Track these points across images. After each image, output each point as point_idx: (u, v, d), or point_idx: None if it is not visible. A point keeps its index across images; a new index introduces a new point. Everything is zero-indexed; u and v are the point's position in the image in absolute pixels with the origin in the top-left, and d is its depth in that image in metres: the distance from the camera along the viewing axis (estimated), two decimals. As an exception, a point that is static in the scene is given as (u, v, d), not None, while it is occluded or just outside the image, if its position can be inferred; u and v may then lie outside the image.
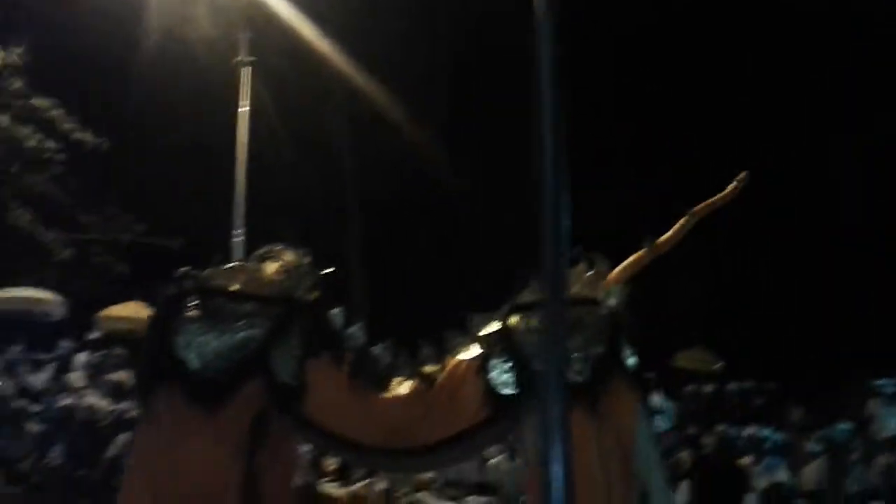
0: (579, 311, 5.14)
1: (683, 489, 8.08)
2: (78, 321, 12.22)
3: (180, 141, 16.07)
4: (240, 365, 5.15)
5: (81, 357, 11.89)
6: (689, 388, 11.19)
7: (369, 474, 8.87)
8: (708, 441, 8.72)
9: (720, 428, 8.63)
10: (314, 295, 5.48)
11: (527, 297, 5.46)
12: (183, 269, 5.45)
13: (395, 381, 5.43)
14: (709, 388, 11.62)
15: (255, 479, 5.13)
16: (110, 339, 12.13)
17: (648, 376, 10.93)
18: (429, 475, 8.74)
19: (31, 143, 13.73)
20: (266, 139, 14.71)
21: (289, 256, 5.54)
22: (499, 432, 5.29)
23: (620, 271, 5.65)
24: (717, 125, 16.09)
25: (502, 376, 5.11)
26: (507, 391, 5.09)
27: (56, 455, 9.79)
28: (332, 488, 8.89)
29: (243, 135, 12.72)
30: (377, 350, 5.58)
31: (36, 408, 10.82)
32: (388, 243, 17.66)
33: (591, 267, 5.44)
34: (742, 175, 5.96)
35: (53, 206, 14.71)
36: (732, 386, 11.49)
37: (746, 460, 8.75)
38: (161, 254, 15.14)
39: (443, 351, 5.57)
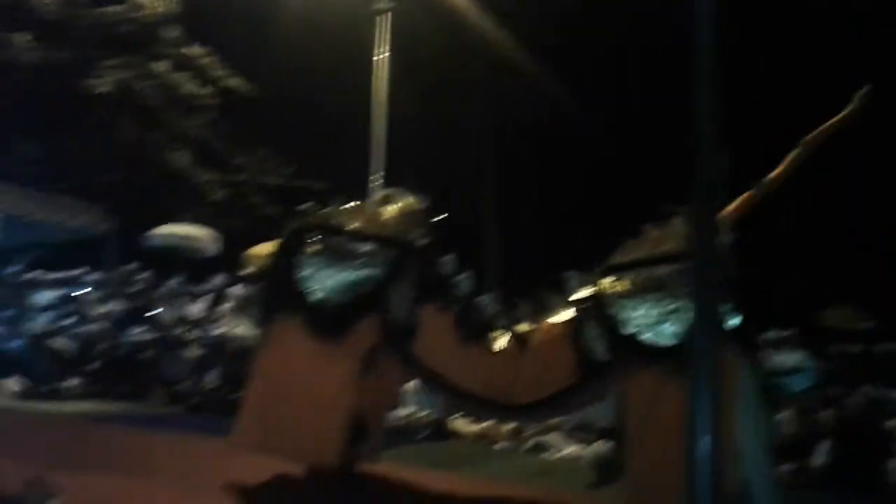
0: (675, 269, 4.99)
1: (824, 449, 7.83)
2: (230, 257, 12.94)
3: (324, 87, 16.60)
4: (357, 300, 5.43)
5: (233, 290, 12.70)
6: (836, 346, 10.70)
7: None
8: (853, 402, 8.36)
9: (866, 389, 8.23)
10: (427, 240, 5.69)
11: (619, 258, 5.40)
12: (307, 206, 5.82)
13: (494, 334, 5.55)
14: (857, 347, 11.08)
15: (361, 407, 5.50)
16: (258, 275, 12.84)
17: (770, 336, 10.62)
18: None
19: (187, 89, 14.46)
20: (403, 85, 14.94)
21: (406, 201, 5.79)
22: (591, 396, 5.29)
23: (723, 216, 5.28)
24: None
25: (595, 342, 5.15)
26: (600, 357, 5.13)
27: (212, 378, 10.57)
28: (462, 424, 9.15)
29: (381, 81, 12.96)
30: (482, 300, 5.73)
31: (193, 335, 11.69)
32: (520, 197, 17.63)
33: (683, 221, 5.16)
34: (862, 91, 5.31)
35: (208, 150, 15.57)
36: (883, 347, 10.91)
37: (893, 423, 8.36)
38: (306, 195, 15.78)
39: (540, 310, 5.59)
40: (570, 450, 8.44)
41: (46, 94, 13.96)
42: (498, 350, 5.48)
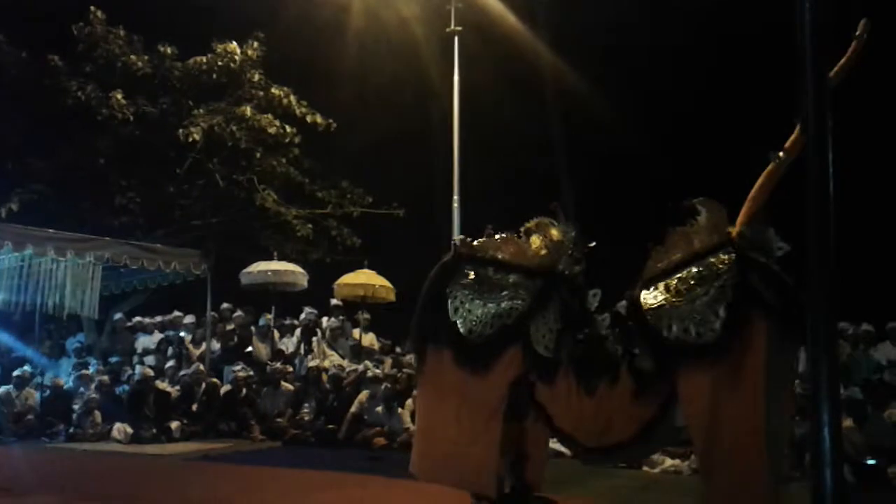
0: (710, 262, 4.88)
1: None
2: (318, 289, 13.28)
3: (399, 114, 16.92)
4: (501, 333, 5.34)
5: (324, 322, 13.02)
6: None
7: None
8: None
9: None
10: (576, 270, 5.59)
11: (652, 267, 5.25)
12: (458, 238, 5.85)
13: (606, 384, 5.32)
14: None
15: (513, 438, 5.42)
16: (347, 305, 13.16)
17: (866, 328, 10.05)
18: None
19: (272, 129, 14.95)
20: (479, 106, 15.06)
21: (554, 231, 5.68)
22: (672, 421, 5.04)
23: (752, 199, 5.06)
24: None
25: (643, 358, 5.01)
26: (651, 370, 4.97)
27: (307, 411, 10.82)
28: (556, 442, 9.05)
29: (456, 103, 13.08)
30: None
31: (288, 369, 12.02)
32: (597, 211, 17.46)
33: (711, 211, 5.04)
34: (861, 26, 4.83)
35: (293, 186, 16.03)
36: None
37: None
38: (387, 223, 16.08)
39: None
40: (669, 463, 8.26)
41: (141, 146, 14.76)
42: (603, 397, 5.22)
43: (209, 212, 15.44)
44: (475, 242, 5.71)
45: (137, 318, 13.71)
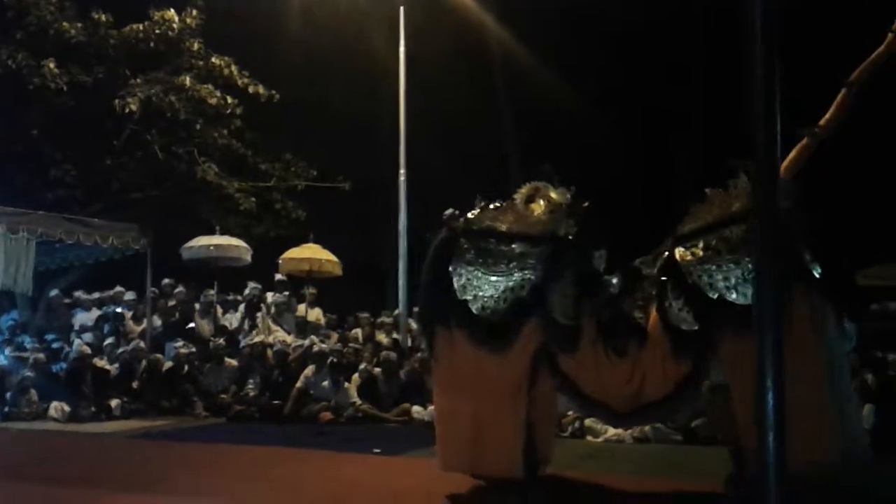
0: (742, 230, 4.81)
1: (868, 412, 7.67)
2: (262, 264, 13.10)
3: (344, 86, 16.70)
4: (516, 306, 5.21)
5: (268, 297, 12.85)
6: (875, 306, 10.42)
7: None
8: (894, 361, 8.18)
9: (908, 348, 8.04)
10: (575, 231, 5.44)
11: (689, 224, 5.23)
12: (450, 212, 5.56)
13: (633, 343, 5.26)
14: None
15: (532, 410, 5.32)
16: (292, 280, 13.01)
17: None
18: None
19: (213, 100, 14.57)
20: (427, 80, 14.94)
21: (554, 194, 5.55)
22: (703, 373, 5.07)
23: (785, 168, 5.01)
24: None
25: (682, 314, 4.96)
26: (687, 326, 4.95)
27: (252, 387, 10.70)
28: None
29: (402, 75, 12.93)
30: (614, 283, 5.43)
31: (232, 345, 11.85)
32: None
33: (746, 177, 4.98)
34: None
35: (235, 158, 15.71)
36: (923, 303, 10.59)
37: (938, 382, 8.15)
38: (333, 196, 15.93)
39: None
40: (612, 433, 8.39)
41: (76, 117, 14.25)
42: (629, 363, 5.21)
43: (148, 185, 15.06)
44: (469, 215, 5.53)
45: (76, 295, 13.33)
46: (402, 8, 13.15)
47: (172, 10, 14.52)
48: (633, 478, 6.28)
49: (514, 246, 5.32)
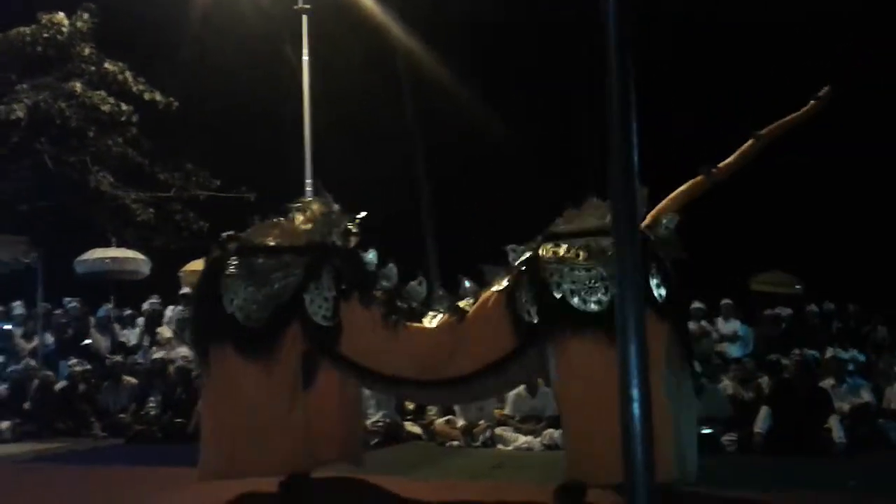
0: (608, 242, 5.01)
1: (764, 414, 8.01)
2: (163, 277, 12.68)
3: (247, 94, 16.38)
4: (277, 312, 5.48)
5: (169, 311, 12.44)
6: (769, 311, 10.93)
7: (446, 412, 9.08)
8: (788, 365, 8.57)
9: (800, 351, 8.44)
10: (346, 239, 5.79)
11: (559, 226, 5.46)
12: (226, 234, 5.90)
13: (429, 316, 5.63)
14: (788, 311, 11.35)
15: (309, 415, 5.55)
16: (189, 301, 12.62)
17: (696, 305, 10.81)
18: (506, 411, 8.90)
19: (106, 107, 14.03)
20: (332, 88, 14.82)
21: (315, 206, 5.89)
22: (529, 362, 5.37)
23: (672, 199, 5.41)
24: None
25: (528, 306, 5.20)
26: (533, 320, 5.19)
27: (153, 405, 10.31)
28: (411, 426, 9.14)
29: (306, 83, 12.79)
30: (414, 286, 5.79)
31: (131, 362, 11.40)
32: (452, 188, 17.75)
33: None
34: (824, 90, 5.47)
35: (132, 168, 15.14)
36: (813, 308, 11.19)
37: (828, 383, 8.59)
38: (237, 207, 15.55)
39: (482, 284, 5.65)
40: (522, 441, 8.50)
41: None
42: (432, 328, 5.55)
43: (38, 195, 14.31)
44: (242, 234, 5.88)
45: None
46: (304, 16, 13.02)
47: (62, 14, 13.92)
48: (539, 486, 6.36)
49: (282, 257, 5.66)
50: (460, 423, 8.85)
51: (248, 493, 5.75)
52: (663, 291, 5.01)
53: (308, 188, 12.46)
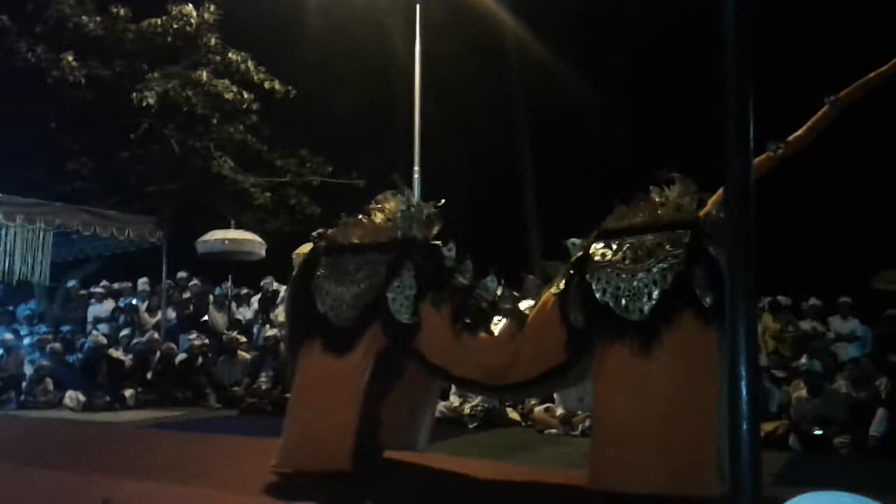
0: (658, 239, 4.96)
1: (881, 417, 7.63)
2: (276, 259, 13.13)
3: (361, 83, 16.72)
4: (365, 311, 5.65)
5: (282, 291, 12.88)
6: (890, 311, 10.34)
7: (545, 399, 9.07)
8: (908, 368, 8.12)
9: (921, 354, 7.97)
10: (427, 231, 5.86)
11: (609, 223, 5.31)
12: (316, 232, 6.15)
13: (494, 321, 5.61)
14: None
15: (377, 410, 5.78)
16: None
17: (813, 303, 10.27)
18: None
19: (229, 95, 14.66)
20: (443, 76, 14.96)
21: (390, 203, 5.99)
22: (588, 365, 5.23)
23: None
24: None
25: (575, 311, 5.13)
26: (581, 325, 5.11)
27: (265, 380, 10.75)
28: (511, 412, 9.17)
29: (418, 72, 12.96)
30: (486, 284, 5.77)
31: (245, 338, 11.92)
32: (561, 182, 17.50)
33: (681, 188, 5.10)
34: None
35: (251, 154, 15.79)
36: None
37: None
38: (347, 193, 15.95)
39: (545, 281, 5.60)
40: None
41: (94, 110, 14.39)
42: (495, 339, 5.54)
43: (164, 178, 15.16)
44: (330, 232, 6.06)
45: (94, 288, 13.43)
46: (418, 6, 13.20)
47: (190, 5, 14.64)
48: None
49: (364, 255, 5.80)
50: (559, 411, 8.82)
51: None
52: (712, 296, 4.68)
53: (416, 175, 12.63)
